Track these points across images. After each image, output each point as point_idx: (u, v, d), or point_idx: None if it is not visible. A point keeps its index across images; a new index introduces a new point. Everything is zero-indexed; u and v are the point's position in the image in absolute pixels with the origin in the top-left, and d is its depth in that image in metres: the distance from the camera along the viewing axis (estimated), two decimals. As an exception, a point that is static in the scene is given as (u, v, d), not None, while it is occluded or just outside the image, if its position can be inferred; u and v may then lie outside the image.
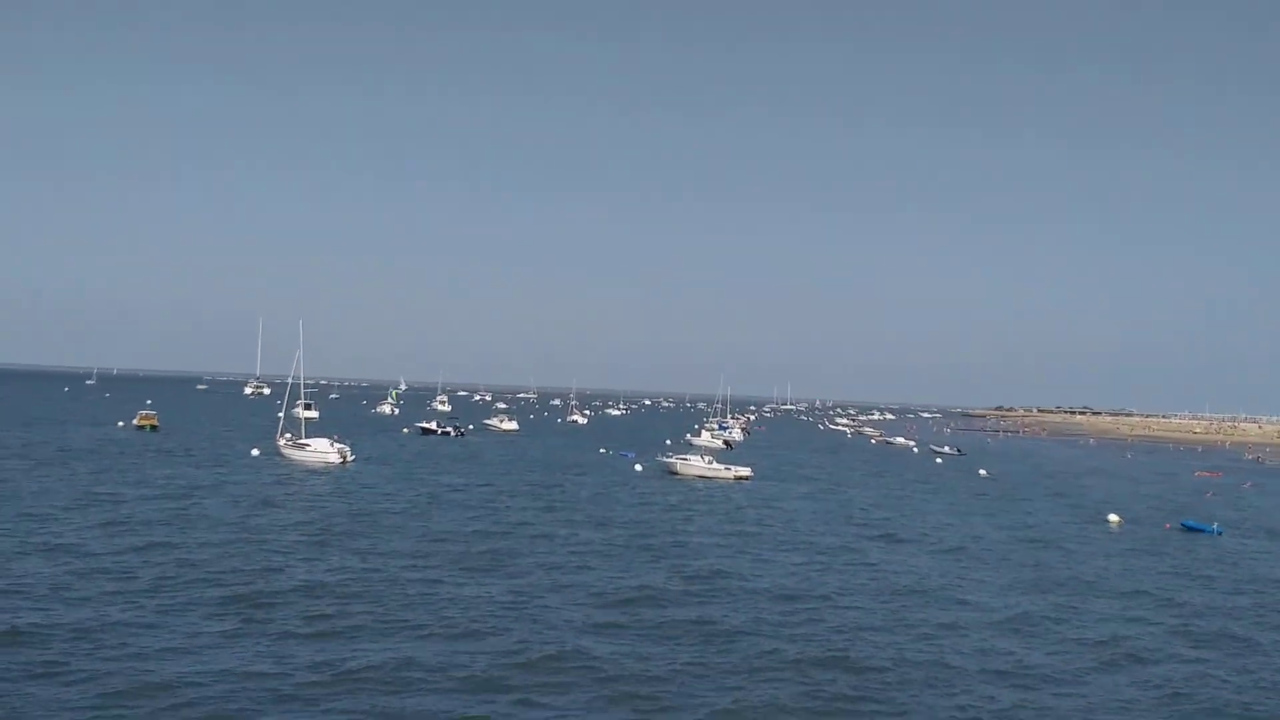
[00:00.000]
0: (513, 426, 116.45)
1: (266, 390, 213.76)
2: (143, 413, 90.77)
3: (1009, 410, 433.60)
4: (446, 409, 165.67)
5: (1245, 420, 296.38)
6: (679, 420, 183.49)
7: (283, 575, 26.33)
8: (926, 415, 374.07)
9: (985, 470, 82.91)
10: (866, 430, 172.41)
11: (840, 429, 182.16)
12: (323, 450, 61.36)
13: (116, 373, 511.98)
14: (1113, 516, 50.48)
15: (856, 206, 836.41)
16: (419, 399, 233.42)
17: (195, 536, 31.62)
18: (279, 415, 75.49)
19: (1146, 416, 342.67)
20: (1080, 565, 35.13)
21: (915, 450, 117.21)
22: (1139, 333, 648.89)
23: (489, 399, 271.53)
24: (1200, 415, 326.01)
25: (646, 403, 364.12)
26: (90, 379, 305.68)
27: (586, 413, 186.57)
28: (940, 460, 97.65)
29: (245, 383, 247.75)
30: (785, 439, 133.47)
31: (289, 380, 71.94)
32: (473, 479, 55.25)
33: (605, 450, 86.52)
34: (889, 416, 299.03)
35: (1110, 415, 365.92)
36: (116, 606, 22.16)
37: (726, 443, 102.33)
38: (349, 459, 61.03)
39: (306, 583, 25.43)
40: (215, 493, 43.32)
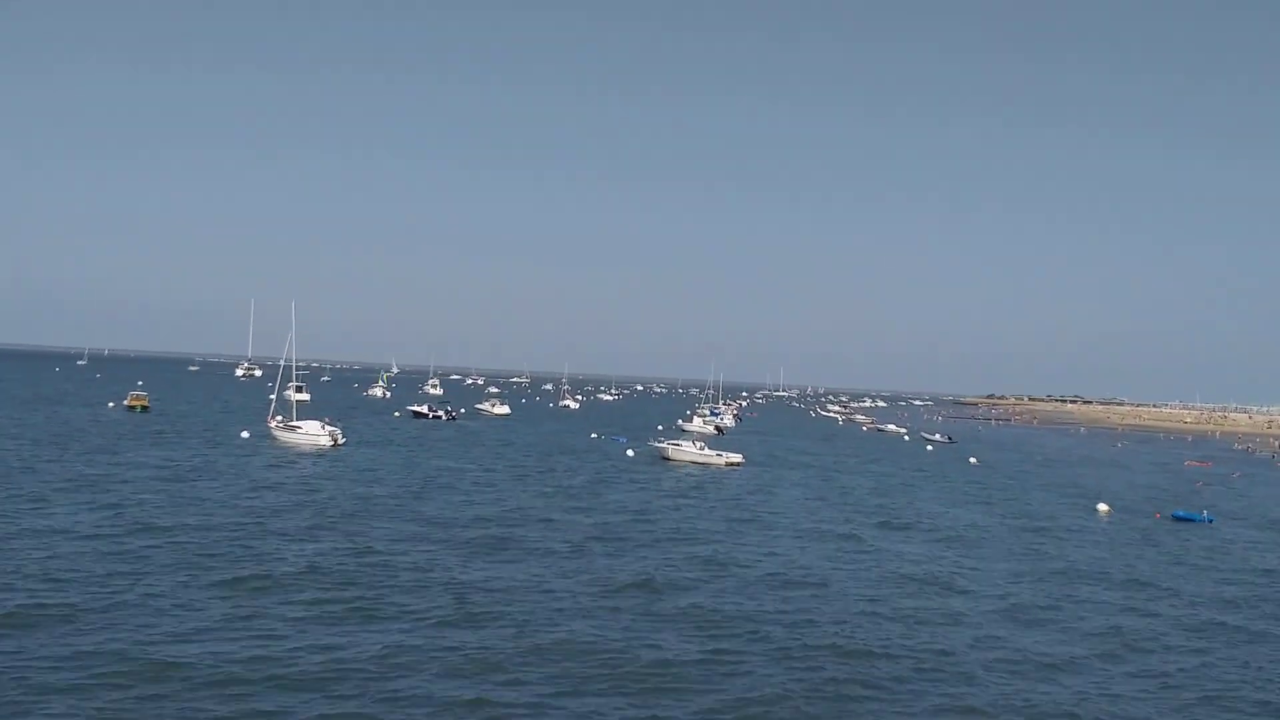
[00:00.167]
0: (505, 411, 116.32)
1: (258, 372, 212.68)
2: (133, 393, 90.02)
3: (1000, 399, 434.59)
4: (438, 392, 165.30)
5: (1235, 410, 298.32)
6: (671, 406, 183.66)
7: (274, 559, 26.14)
8: (918, 403, 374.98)
9: (976, 458, 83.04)
10: (858, 417, 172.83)
11: (832, 415, 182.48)
12: (314, 433, 61.03)
13: (108, 353, 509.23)
14: (1102, 506, 50.57)
15: (849, 195, 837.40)
16: (411, 382, 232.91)
17: (186, 519, 31.39)
18: (270, 397, 75.04)
19: (1137, 405, 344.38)
20: (1073, 553, 35.19)
21: (906, 437, 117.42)
22: (1130, 322, 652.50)
23: (481, 383, 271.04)
24: (1191, 405, 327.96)
25: (639, 388, 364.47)
26: (81, 359, 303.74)
27: (579, 398, 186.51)
28: (931, 448, 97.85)
29: (237, 364, 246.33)
30: (777, 425, 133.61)
31: (281, 362, 71.55)
32: (465, 463, 55.08)
33: (597, 435, 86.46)
34: (880, 404, 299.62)
35: (1101, 404, 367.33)
36: (106, 589, 21.97)
37: (718, 428, 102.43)
38: (340, 441, 60.78)
39: (298, 566, 25.24)
40: (206, 474, 43.05)
